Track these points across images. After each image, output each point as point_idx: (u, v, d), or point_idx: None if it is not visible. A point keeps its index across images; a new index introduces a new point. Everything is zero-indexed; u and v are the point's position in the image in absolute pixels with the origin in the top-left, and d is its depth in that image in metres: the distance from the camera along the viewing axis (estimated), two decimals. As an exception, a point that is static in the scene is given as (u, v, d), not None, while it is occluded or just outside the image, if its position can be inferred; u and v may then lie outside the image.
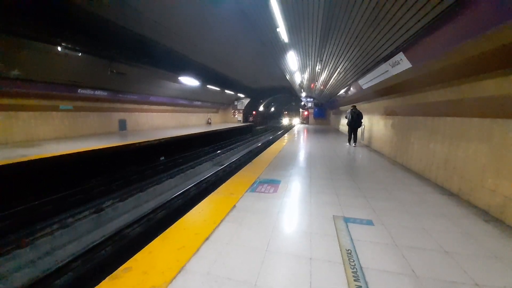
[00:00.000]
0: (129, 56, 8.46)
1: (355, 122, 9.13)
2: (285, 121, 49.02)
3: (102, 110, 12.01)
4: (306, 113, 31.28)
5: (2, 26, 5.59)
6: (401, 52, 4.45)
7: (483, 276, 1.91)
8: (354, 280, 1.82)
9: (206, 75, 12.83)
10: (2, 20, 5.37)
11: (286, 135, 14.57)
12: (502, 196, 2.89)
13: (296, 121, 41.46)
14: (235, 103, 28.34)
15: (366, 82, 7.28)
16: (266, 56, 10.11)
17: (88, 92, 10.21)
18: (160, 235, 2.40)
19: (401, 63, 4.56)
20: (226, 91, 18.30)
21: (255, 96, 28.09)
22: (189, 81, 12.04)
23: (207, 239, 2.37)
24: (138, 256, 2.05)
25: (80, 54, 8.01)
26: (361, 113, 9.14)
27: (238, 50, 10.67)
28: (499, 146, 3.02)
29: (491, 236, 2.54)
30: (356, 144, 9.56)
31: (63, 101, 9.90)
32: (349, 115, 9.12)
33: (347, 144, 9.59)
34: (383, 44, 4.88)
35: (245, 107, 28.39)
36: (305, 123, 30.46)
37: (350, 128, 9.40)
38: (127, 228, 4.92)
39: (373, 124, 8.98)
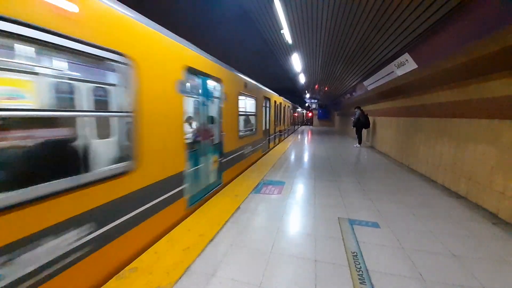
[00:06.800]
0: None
1: (362, 123, 9.18)
2: None
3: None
4: (310, 114, 31.21)
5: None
6: (406, 53, 4.42)
7: (491, 280, 1.87)
8: (360, 283, 1.81)
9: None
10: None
11: (290, 136, 14.56)
12: (512, 199, 2.84)
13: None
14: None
15: (371, 83, 7.25)
16: (270, 58, 10.12)
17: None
18: (165, 236, 2.41)
19: (407, 64, 4.54)
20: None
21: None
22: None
23: (211, 240, 2.38)
24: (144, 256, 2.07)
25: None
26: (367, 114, 9.20)
27: (241, 51, 10.71)
28: (508, 148, 2.97)
29: (500, 239, 2.49)
30: (361, 145, 9.52)
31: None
32: (361, 117, 9.11)
33: (358, 145, 9.52)
34: (388, 45, 4.86)
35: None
36: (308, 125, 30.37)
37: (359, 130, 9.39)
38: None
39: (378, 125, 8.91)
